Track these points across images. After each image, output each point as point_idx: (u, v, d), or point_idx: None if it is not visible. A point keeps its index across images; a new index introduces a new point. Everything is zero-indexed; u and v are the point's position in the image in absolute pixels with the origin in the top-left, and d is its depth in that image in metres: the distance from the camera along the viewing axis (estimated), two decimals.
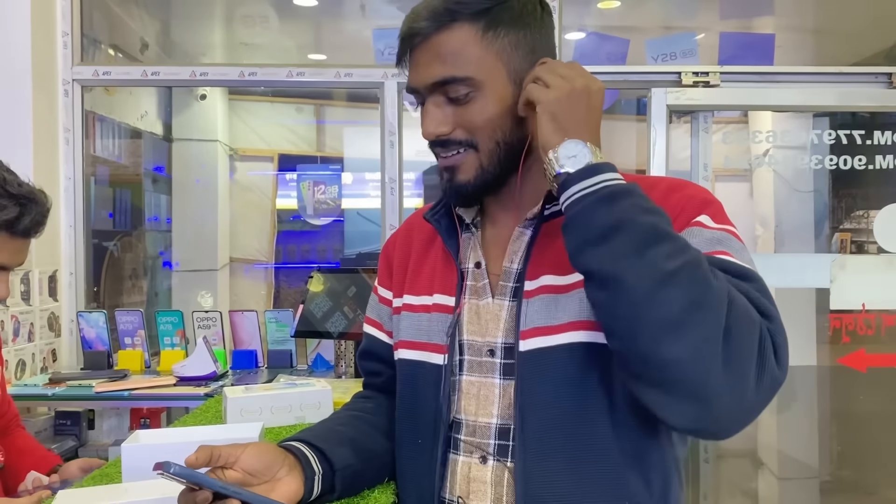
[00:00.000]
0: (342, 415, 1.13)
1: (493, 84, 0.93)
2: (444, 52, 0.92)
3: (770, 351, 0.82)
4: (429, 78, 0.93)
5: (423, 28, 0.92)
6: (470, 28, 0.92)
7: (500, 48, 0.93)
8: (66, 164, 2.94)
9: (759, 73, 2.94)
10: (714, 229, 0.91)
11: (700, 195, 0.95)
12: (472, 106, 0.93)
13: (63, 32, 2.93)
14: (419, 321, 1.05)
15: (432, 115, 0.95)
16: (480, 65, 0.92)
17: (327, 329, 2.58)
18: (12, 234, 1.38)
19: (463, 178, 0.96)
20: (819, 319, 3.60)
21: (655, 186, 0.95)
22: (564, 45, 3.00)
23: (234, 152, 4.90)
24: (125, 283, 4.05)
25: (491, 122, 0.94)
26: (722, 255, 0.88)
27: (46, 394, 2.42)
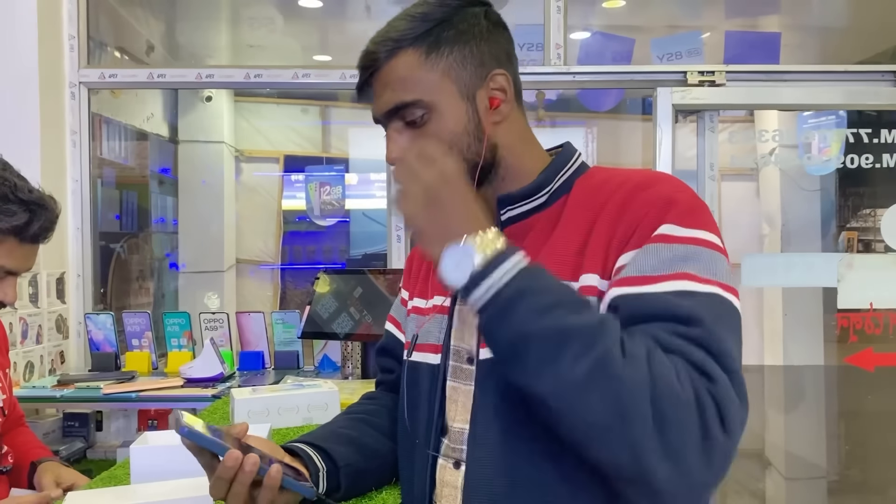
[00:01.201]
0: (343, 418, 1.15)
1: (445, 103, 0.95)
2: (393, 80, 0.95)
3: (716, 422, 0.76)
4: (384, 106, 0.96)
5: (374, 60, 0.96)
6: (414, 52, 0.95)
7: (446, 67, 0.95)
8: (73, 167, 2.95)
9: (764, 72, 2.93)
10: (678, 242, 0.85)
11: (665, 195, 0.89)
12: (429, 127, 0.95)
13: (70, 35, 2.94)
14: (421, 323, 1.08)
15: (394, 140, 0.97)
16: (428, 86, 0.94)
17: (334, 330, 2.59)
18: (21, 240, 1.39)
19: None
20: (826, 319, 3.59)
21: (624, 184, 0.93)
22: (570, 44, 3.00)
23: (240, 154, 4.91)
24: (132, 284, 4.06)
25: (448, 141, 0.94)
26: (679, 283, 0.83)
27: (55, 395, 2.43)
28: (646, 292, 0.83)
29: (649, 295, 0.83)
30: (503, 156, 0.99)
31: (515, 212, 0.99)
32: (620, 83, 3.08)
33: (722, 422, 0.76)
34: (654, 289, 0.83)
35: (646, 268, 0.84)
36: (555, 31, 2.96)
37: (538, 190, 0.98)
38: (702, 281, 0.83)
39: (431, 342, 1.04)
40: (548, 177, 0.99)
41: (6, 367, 1.59)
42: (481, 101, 0.96)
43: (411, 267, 1.18)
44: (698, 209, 0.89)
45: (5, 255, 1.38)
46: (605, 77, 3.00)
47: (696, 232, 0.87)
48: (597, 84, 3.06)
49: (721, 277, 0.84)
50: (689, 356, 0.78)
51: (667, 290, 0.82)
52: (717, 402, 0.76)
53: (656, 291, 0.83)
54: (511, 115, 0.99)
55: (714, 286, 0.83)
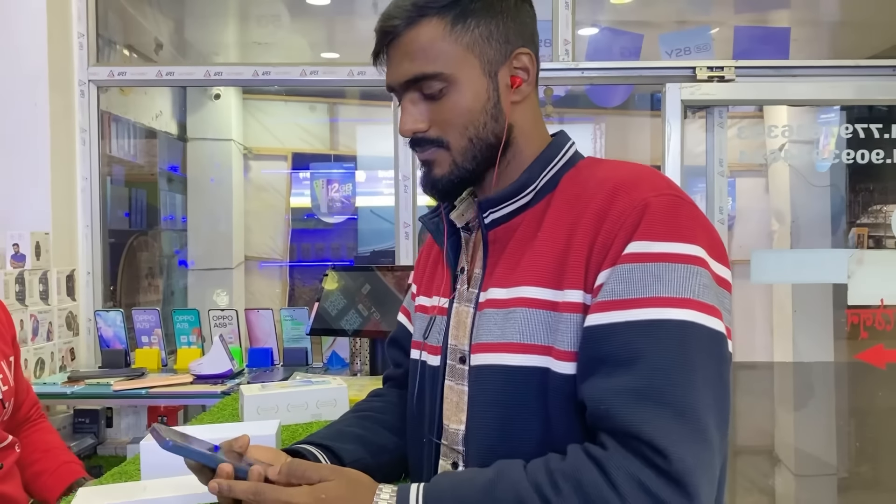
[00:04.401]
0: (349, 416, 1.14)
1: (466, 78, 0.91)
2: (414, 49, 0.91)
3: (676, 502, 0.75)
4: (402, 76, 0.93)
5: (394, 26, 0.92)
6: (439, 22, 0.90)
7: (471, 41, 0.91)
8: (82, 164, 2.96)
9: (774, 67, 2.92)
10: (648, 260, 0.81)
11: (640, 201, 0.84)
12: (446, 102, 0.92)
13: (79, 33, 2.95)
14: (424, 322, 1.06)
15: (409, 112, 0.94)
16: (451, 59, 0.91)
17: (342, 327, 2.59)
18: None
19: (438, 172, 0.95)
20: (836, 315, 3.58)
21: (604, 185, 0.89)
22: (578, 40, 2.99)
23: (249, 151, 4.92)
24: (141, 281, 4.08)
25: (464, 117, 0.92)
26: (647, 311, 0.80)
27: (65, 392, 2.44)
28: (612, 323, 0.81)
29: (613, 331, 0.81)
30: (515, 137, 0.96)
31: (498, 214, 0.95)
32: (629, 79, 3.08)
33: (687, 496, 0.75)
34: (621, 317, 0.80)
35: (616, 291, 0.82)
36: (563, 26, 2.95)
37: (522, 189, 0.94)
38: (673, 304, 0.79)
39: (432, 342, 1.03)
40: (532, 175, 0.95)
41: (10, 355, 1.59)
42: (503, 78, 0.93)
43: (421, 261, 1.17)
44: (675, 215, 0.84)
45: None
46: (614, 73, 2.99)
47: (669, 246, 0.82)
48: (605, 80, 3.05)
49: (697, 294, 0.80)
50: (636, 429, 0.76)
51: (633, 319, 0.80)
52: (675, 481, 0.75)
53: (622, 321, 0.80)
54: (530, 96, 0.96)
55: (687, 310, 0.80)
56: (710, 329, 0.80)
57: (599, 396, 0.80)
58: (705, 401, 0.78)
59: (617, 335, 0.80)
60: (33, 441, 1.63)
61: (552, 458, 0.81)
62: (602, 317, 0.82)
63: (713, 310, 0.81)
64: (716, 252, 0.86)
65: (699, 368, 0.78)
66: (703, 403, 0.78)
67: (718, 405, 0.80)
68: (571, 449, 0.81)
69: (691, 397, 0.77)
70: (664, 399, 0.77)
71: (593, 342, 0.82)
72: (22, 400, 1.63)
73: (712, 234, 0.87)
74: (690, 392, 0.77)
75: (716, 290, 0.83)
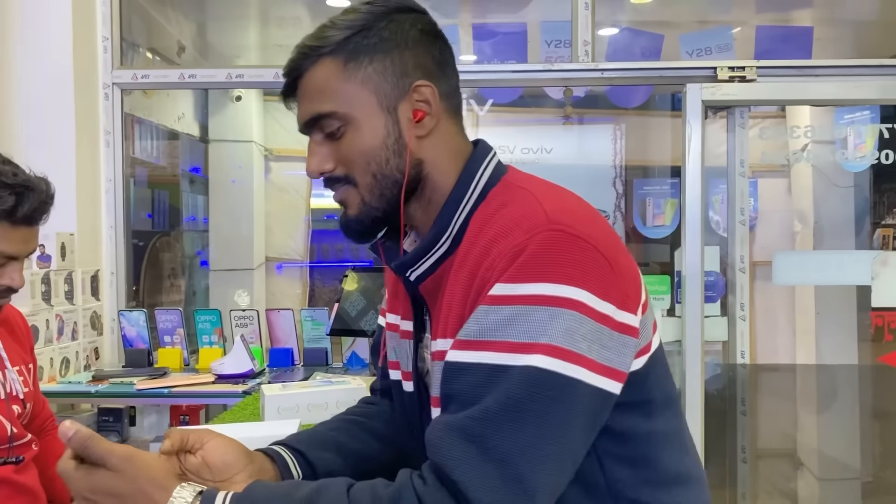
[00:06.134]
0: (336, 420, 1.12)
1: (362, 115, 0.90)
2: (311, 90, 0.92)
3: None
4: (303, 116, 0.93)
5: (294, 69, 0.93)
6: (332, 62, 0.90)
7: (364, 77, 0.90)
8: (106, 166, 3.00)
9: (796, 66, 2.89)
10: (505, 303, 0.79)
11: (515, 246, 0.80)
12: (345, 140, 0.91)
13: (103, 37, 2.99)
14: (394, 341, 1.04)
15: (314, 153, 0.93)
16: (345, 98, 0.90)
17: (361, 327, 2.61)
18: (14, 223, 1.41)
19: (350, 213, 0.94)
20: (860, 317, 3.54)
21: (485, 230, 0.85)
22: (598, 41, 2.99)
23: (269, 153, 4.95)
24: (164, 282, 4.12)
25: (364, 154, 0.90)
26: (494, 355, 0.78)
27: (90, 391, 2.48)
28: (462, 362, 0.80)
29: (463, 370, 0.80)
30: (428, 172, 0.92)
31: (420, 270, 0.91)
32: (649, 80, 3.06)
33: None
34: (472, 358, 0.79)
35: (470, 331, 0.80)
36: (583, 27, 2.94)
37: (436, 241, 0.90)
38: (521, 350, 0.76)
39: (404, 368, 1.01)
40: (443, 225, 0.90)
41: (29, 362, 1.63)
42: (404, 113, 0.91)
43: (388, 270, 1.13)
44: (550, 254, 0.79)
45: (1, 240, 1.40)
46: (634, 73, 2.98)
47: (533, 287, 0.78)
48: (625, 81, 3.04)
49: (553, 339, 0.76)
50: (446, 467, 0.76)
51: (480, 361, 0.78)
52: None
53: (471, 362, 0.79)
54: (439, 128, 0.92)
55: (536, 355, 0.76)
56: (560, 375, 0.76)
57: (435, 427, 0.80)
58: (534, 451, 0.75)
59: (465, 375, 0.79)
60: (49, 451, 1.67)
61: (379, 482, 0.80)
62: (456, 354, 0.81)
63: (571, 355, 0.77)
64: (609, 292, 0.80)
65: (535, 417, 0.76)
66: (531, 454, 0.75)
67: (557, 454, 0.77)
68: (401, 475, 0.80)
69: (515, 446, 0.75)
70: (486, 444, 0.75)
71: (446, 379, 0.82)
72: (38, 412, 1.67)
73: (605, 273, 0.80)
74: (515, 441, 0.75)
75: (591, 332, 0.78)
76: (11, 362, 1.55)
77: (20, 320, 1.68)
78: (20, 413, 1.52)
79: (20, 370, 1.57)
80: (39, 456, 1.61)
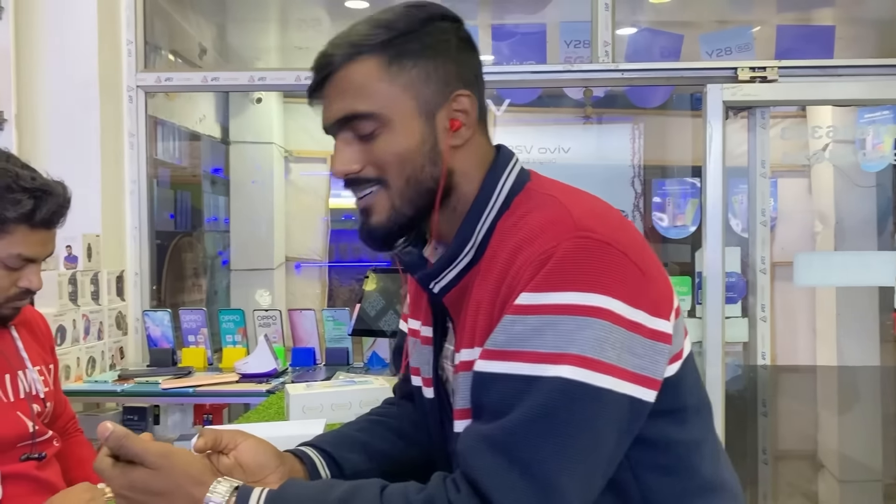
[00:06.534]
0: (361, 420, 1.12)
1: (400, 119, 0.87)
2: (348, 87, 0.88)
3: None
4: (334, 114, 0.90)
5: (329, 63, 0.89)
6: (374, 61, 0.87)
7: (406, 82, 0.88)
8: (130, 168, 3.04)
9: (818, 66, 2.88)
10: (532, 312, 0.78)
11: (543, 252, 0.79)
12: (379, 142, 0.88)
13: (127, 41, 3.03)
14: (416, 347, 1.04)
15: (341, 153, 0.90)
16: (386, 99, 0.87)
17: (381, 327, 2.62)
18: (32, 227, 1.44)
19: (375, 219, 0.90)
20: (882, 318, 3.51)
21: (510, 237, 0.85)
22: (617, 41, 2.99)
23: (289, 154, 4.99)
24: (185, 282, 4.17)
25: (400, 158, 0.88)
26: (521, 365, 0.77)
27: (116, 390, 2.52)
28: (491, 373, 0.80)
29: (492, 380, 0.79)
30: (457, 182, 0.90)
31: (444, 282, 0.90)
32: (669, 80, 3.06)
33: None
34: (501, 368, 0.79)
35: (498, 341, 0.80)
36: (603, 28, 2.95)
37: (459, 252, 0.89)
38: (549, 360, 0.76)
39: (425, 374, 1.01)
40: (465, 237, 0.89)
41: (49, 362, 1.66)
42: (441, 121, 0.89)
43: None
44: (578, 263, 0.78)
45: (20, 243, 1.43)
46: (654, 74, 2.98)
47: (561, 296, 0.77)
48: (645, 81, 3.04)
49: (583, 349, 0.75)
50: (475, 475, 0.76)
51: (509, 372, 0.78)
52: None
53: (500, 373, 0.79)
54: (472, 140, 0.91)
55: (565, 366, 0.75)
56: (589, 386, 0.76)
57: (466, 437, 0.80)
58: (564, 461, 0.75)
59: (494, 385, 0.79)
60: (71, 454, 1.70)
61: (412, 487, 0.80)
62: (484, 364, 0.81)
63: (600, 365, 0.76)
64: (640, 299, 0.79)
65: (564, 427, 0.75)
66: (561, 464, 0.75)
67: (587, 464, 0.77)
68: (434, 480, 0.80)
69: (545, 457, 0.75)
70: (515, 455, 0.75)
71: (475, 389, 0.82)
72: (60, 412, 1.70)
73: (635, 279, 0.79)
74: (545, 452, 0.75)
75: (622, 341, 0.77)
76: (32, 362, 1.58)
77: (41, 321, 1.71)
78: (40, 412, 1.56)
79: (41, 370, 1.60)
80: (62, 457, 1.64)
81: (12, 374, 1.53)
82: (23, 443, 1.48)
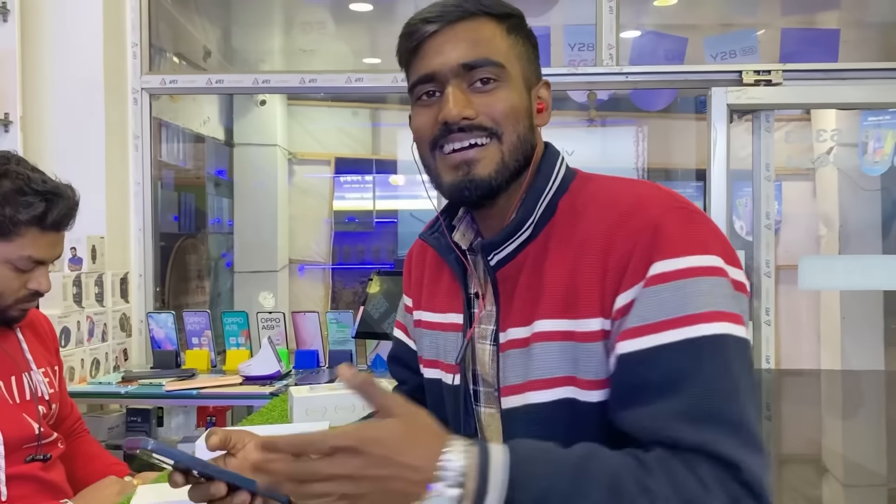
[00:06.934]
0: (360, 420, 1.11)
1: (515, 79, 0.92)
2: (475, 38, 0.91)
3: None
4: (457, 59, 0.90)
5: (449, 14, 0.91)
6: (497, 24, 0.92)
7: (519, 52, 0.93)
8: (135, 170, 3.05)
9: (823, 70, 2.87)
10: (673, 279, 0.80)
11: (651, 222, 0.83)
12: (496, 94, 0.90)
13: (132, 43, 3.04)
14: (437, 339, 1.04)
15: (458, 97, 0.89)
16: (508, 57, 0.91)
17: (384, 330, 2.63)
18: (43, 229, 1.45)
19: (483, 171, 0.90)
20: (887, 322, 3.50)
21: (608, 209, 0.87)
22: (622, 44, 2.98)
23: (293, 156, 5.00)
24: (189, 283, 4.17)
25: (515, 113, 0.91)
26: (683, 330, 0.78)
27: (119, 392, 2.52)
28: (649, 347, 0.79)
29: (652, 356, 0.79)
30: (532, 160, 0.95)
31: (503, 254, 0.93)
32: (673, 83, 3.06)
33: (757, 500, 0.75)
34: (658, 340, 0.79)
35: (646, 315, 0.80)
36: (607, 31, 2.95)
37: (521, 226, 0.91)
38: (705, 320, 0.78)
39: (448, 361, 1.01)
40: (528, 209, 0.92)
41: (54, 364, 1.67)
42: (533, 98, 0.95)
43: (410, 272, 1.13)
44: (689, 229, 0.83)
45: (30, 245, 1.44)
46: (658, 77, 2.98)
47: (689, 260, 0.80)
48: (649, 84, 3.04)
49: (724, 305, 0.80)
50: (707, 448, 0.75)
51: (671, 341, 0.78)
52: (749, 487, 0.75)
53: (660, 344, 0.79)
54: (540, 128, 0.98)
55: (719, 322, 0.79)
56: (739, 338, 0.80)
57: (655, 426, 0.78)
58: (750, 409, 0.78)
59: (656, 360, 0.79)
60: (79, 452, 1.71)
61: (635, 450, 0.78)
62: (636, 343, 0.80)
63: (738, 318, 0.81)
64: (730, 257, 0.84)
65: (740, 379, 0.78)
66: (750, 412, 0.78)
67: (757, 410, 0.80)
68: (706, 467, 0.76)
69: (741, 410, 0.77)
70: (721, 417, 0.76)
71: (630, 369, 0.80)
72: (66, 414, 1.70)
73: (724, 240, 0.86)
74: (738, 405, 0.77)
75: (735, 296, 0.83)
76: (37, 364, 1.59)
77: (45, 323, 1.72)
78: (45, 413, 1.56)
79: (45, 371, 1.61)
80: (69, 457, 1.65)
81: (18, 376, 1.53)
82: (28, 444, 1.49)
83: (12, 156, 1.48)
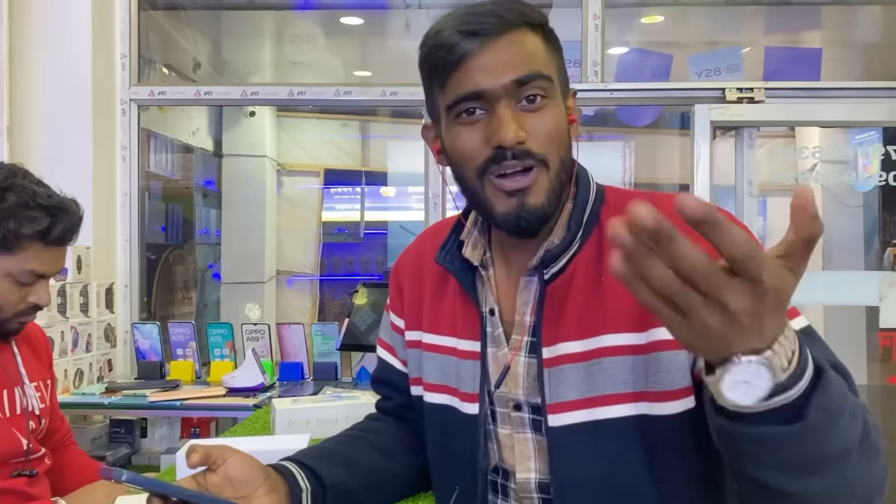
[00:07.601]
0: (342, 435, 1.11)
1: (558, 92, 0.88)
2: (521, 51, 0.85)
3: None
4: (509, 76, 0.84)
5: (492, 26, 0.84)
6: (536, 35, 0.87)
7: (558, 63, 0.90)
8: (122, 180, 3.05)
9: (805, 88, 2.92)
10: None
11: None
12: (543, 114, 0.85)
13: (121, 55, 3.05)
14: (446, 364, 1.01)
15: (509, 119, 0.83)
16: (551, 69, 0.87)
17: (370, 342, 2.63)
18: (46, 244, 1.46)
19: (535, 201, 0.87)
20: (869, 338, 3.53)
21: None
22: (607, 59, 3.02)
23: (282, 167, 5.01)
24: (175, 294, 4.16)
25: (559, 134, 0.87)
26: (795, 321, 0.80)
27: (103, 402, 2.51)
28: None
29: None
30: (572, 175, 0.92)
31: (557, 267, 0.90)
32: (658, 100, 3.09)
33: None
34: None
35: None
36: (592, 48, 2.98)
37: (574, 238, 0.90)
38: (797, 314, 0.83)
39: (465, 389, 0.98)
40: (577, 221, 0.91)
41: (47, 378, 1.66)
42: (568, 110, 0.91)
43: (401, 290, 1.09)
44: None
45: (33, 259, 1.45)
46: (643, 94, 3.01)
47: None
48: (634, 101, 3.08)
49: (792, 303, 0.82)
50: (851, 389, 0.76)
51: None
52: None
53: None
54: None
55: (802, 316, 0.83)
56: None
57: None
58: None
59: None
60: (69, 461, 1.70)
61: None
62: None
63: None
64: None
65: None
66: None
67: None
68: None
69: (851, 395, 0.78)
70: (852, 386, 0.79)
71: None
72: (56, 427, 1.70)
73: None
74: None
75: None
76: (30, 378, 1.58)
77: (41, 336, 1.72)
78: (35, 428, 1.55)
79: (38, 386, 1.61)
80: (59, 468, 1.64)
81: (10, 389, 1.53)
82: (16, 459, 1.48)
83: (19, 169, 1.48)
